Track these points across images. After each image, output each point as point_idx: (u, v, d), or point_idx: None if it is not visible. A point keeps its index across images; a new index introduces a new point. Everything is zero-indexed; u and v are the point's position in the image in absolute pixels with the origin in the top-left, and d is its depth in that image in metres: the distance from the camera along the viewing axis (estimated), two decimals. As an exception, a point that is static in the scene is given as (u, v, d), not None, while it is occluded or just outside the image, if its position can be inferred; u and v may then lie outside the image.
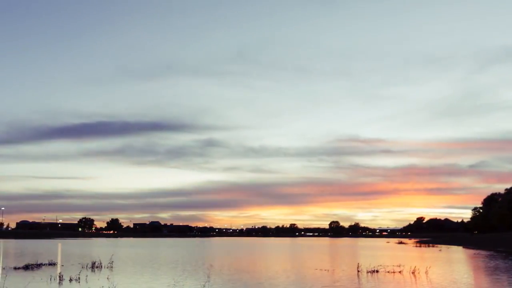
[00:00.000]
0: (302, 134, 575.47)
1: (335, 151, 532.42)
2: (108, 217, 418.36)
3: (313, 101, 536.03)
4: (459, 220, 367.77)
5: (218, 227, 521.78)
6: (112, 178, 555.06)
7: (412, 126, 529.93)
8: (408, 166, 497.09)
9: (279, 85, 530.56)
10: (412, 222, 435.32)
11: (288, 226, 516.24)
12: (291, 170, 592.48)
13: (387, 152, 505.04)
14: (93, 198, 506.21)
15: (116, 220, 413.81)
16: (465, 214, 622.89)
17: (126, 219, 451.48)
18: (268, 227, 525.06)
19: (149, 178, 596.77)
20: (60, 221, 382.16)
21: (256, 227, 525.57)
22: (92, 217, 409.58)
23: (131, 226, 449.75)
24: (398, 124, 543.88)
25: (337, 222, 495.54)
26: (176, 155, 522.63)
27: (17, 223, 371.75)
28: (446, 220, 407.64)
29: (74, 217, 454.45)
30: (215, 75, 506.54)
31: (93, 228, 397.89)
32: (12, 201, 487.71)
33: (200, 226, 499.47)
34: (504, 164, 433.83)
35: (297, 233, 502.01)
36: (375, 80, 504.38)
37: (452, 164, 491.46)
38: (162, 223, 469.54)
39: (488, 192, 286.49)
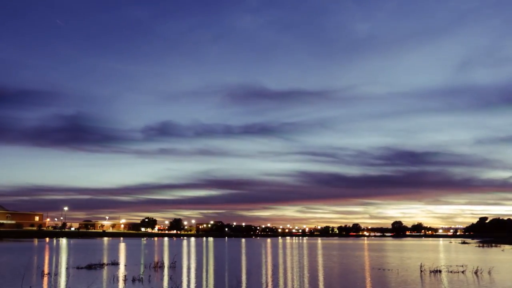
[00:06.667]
0: (201, 98, 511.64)
1: (282, 127, 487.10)
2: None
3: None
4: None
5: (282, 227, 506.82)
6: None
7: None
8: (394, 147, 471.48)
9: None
10: (475, 222, 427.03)
11: (351, 225, 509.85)
12: (240, 152, 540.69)
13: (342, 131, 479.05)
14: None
15: (179, 220, 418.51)
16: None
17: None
18: (330, 226, 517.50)
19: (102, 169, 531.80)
20: (123, 221, 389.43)
21: (319, 227, 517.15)
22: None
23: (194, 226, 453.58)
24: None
25: (399, 222, 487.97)
26: (105, 139, 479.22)
27: (79, 223, 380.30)
28: (509, 220, 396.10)
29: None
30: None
31: (156, 228, 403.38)
32: None
33: (263, 226, 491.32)
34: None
35: (360, 233, 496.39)
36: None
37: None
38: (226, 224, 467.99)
39: None
